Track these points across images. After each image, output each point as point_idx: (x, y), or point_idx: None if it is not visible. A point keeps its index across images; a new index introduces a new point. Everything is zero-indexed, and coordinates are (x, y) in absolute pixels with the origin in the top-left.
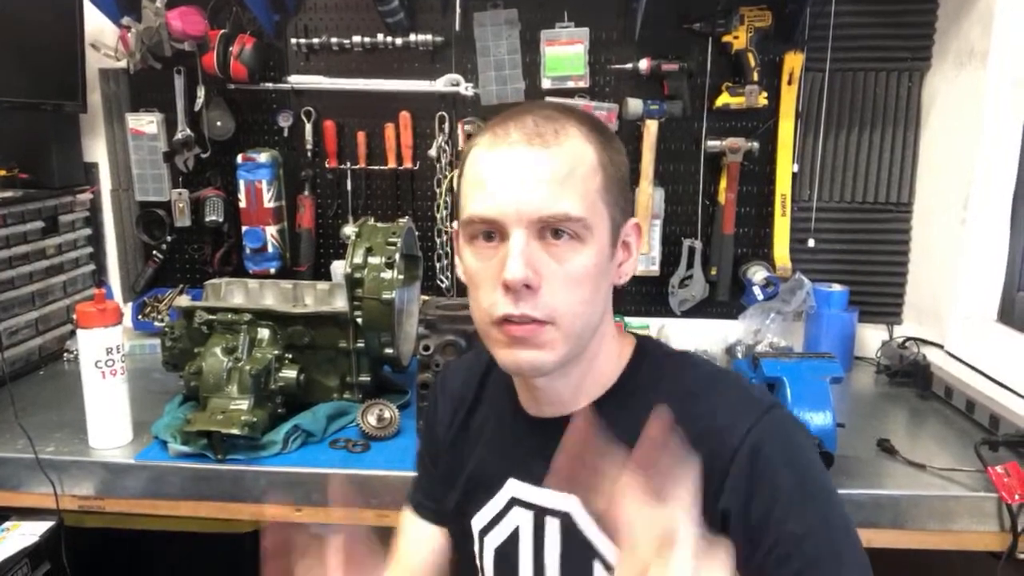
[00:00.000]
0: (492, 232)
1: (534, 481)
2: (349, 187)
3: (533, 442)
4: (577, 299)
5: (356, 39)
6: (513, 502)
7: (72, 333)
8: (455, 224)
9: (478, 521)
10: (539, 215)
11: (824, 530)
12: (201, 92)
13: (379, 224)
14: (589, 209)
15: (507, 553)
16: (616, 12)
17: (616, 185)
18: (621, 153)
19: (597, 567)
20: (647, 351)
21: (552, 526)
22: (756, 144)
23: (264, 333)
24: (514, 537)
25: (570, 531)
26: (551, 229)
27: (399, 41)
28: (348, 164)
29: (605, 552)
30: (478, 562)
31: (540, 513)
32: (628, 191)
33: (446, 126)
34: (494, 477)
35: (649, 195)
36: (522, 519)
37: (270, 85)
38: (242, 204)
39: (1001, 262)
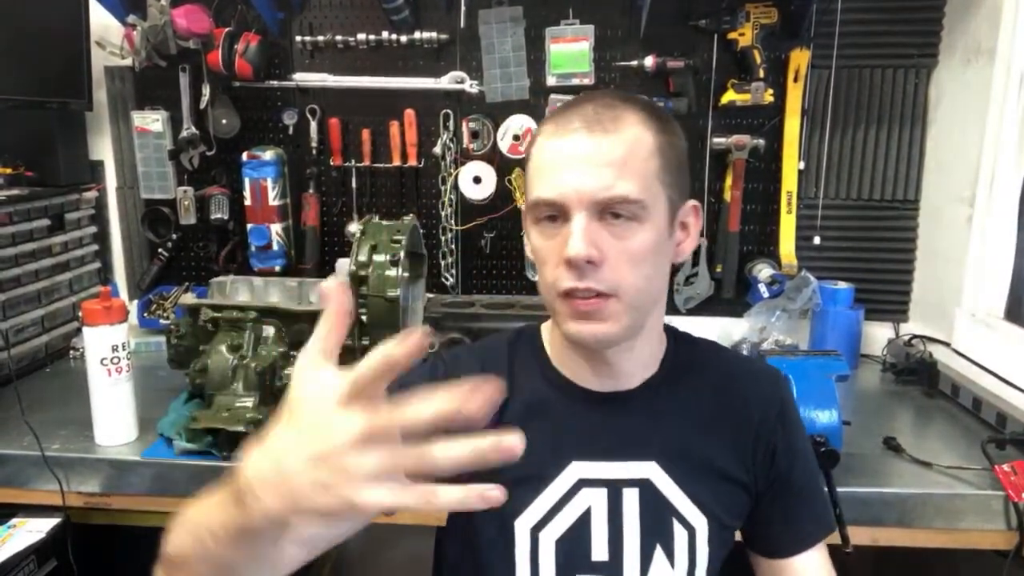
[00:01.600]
0: (556, 214)
1: (605, 456)
2: (354, 185)
3: (595, 418)
4: (638, 274)
5: (361, 37)
6: (581, 484)
7: (78, 331)
8: (523, 206)
9: (528, 519)
10: (598, 197)
11: (816, 468)
12: (206, 90)
13: (384, 222)
14: (646, 191)
15: (575, 538)
16: (621, 9)
17: (674, 168)
18: (680, 138)
19: (676, 524)
20: (679, 336)
21: (630, 496)
22: (762, 141)
23: (269, 331)
24: (584, 519)
25: (649, 496)
26: (610, 210)
27: (404, 39)
28: (353, 162)
29: (682, 509)
30: (527, 563)
31: (616, 486)
32: (686, 175)
33: (451, 123)
34: (547, 467)
35: None
36: (594, 498)
37: (275, 83)
38: (247, 202)
39: (1008, 259)
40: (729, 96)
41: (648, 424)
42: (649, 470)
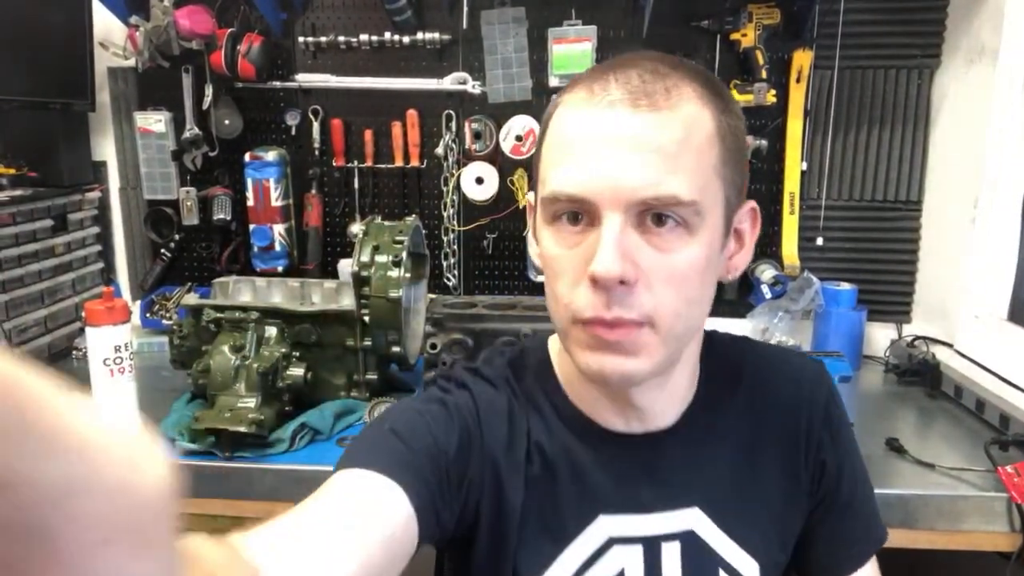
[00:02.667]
0: (579, 213)
1: (639, 509)
2: (356, 185)
3: (625, 464)
4: (681, 298)
5: (363, 37)
6: (612, 542)
7: (81, 331)
8: (530, 195)
9: None
10: (641, 196)
11: (863, 471)
12: (209, 91)
13: (386, 222)
14: (703, 190)
15: None
16: (624, 10)
17: (735, 160)
18: (740, 118)
19: (721, 575)
20: (710, 339)
21: (671, 551)
22: (764, 142)
23: (271, 331)
24: None
25: (693, 549)
26: (653, 214)
27: (406, 39)
28: (355, 162)
29: (730, 557)
30: None
31: (653, 543)
32: (745, 167)
33: (453, 124)
34: (569, 522)
35: None
36: (628, 558)
37: (278, 84)
38: (250, 202)
39: (1011, 261)
40: None
41: (688, 465)
42: (692, 519)
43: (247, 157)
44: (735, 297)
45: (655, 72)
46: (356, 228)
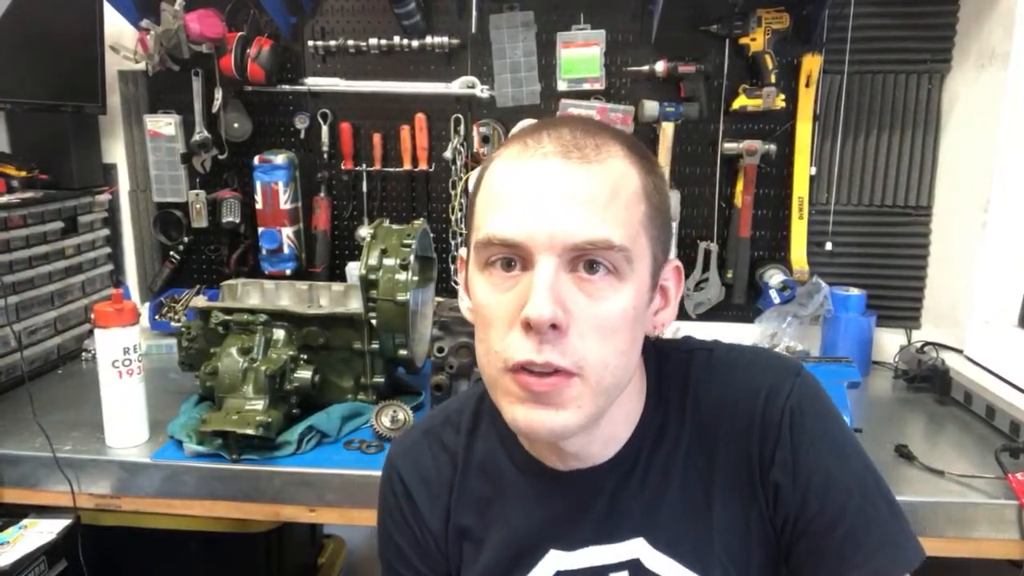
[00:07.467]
0: (513, 259)
1: (582, 543)
2: (364, 189)
3: (567, 501)
4: (610, 348)
5: (372, 41)
6: None
7: (90, 333)
8: (463, 251)
9: None
10: (575, 240)
11: (861, 488)
12: (218, 94)
13: (394, 226)
14: (632, 239)
15: None
16: (632, 14)
17: (660, 219)
18: (665, 182)
19: None
20: (663, 356)
21: None
22: (773, 146)
23: (279, 334)
24: None
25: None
26: (586, 260)
27: (415, 43)
28: (364, 166)
29: None
30: None
31: (600, 573)
32: (670, 228)
33: (461, 128)
34: (522, 555)
35: None
36: None
37: (287, 87)
38: (258, 205)
39: (1022, 266)
40: (741, 101)
41: (629, 497)
42: (636, 549)
43: (256, 160)
44: (744, 302)
45: (585, 131)
46: (364, 231)
